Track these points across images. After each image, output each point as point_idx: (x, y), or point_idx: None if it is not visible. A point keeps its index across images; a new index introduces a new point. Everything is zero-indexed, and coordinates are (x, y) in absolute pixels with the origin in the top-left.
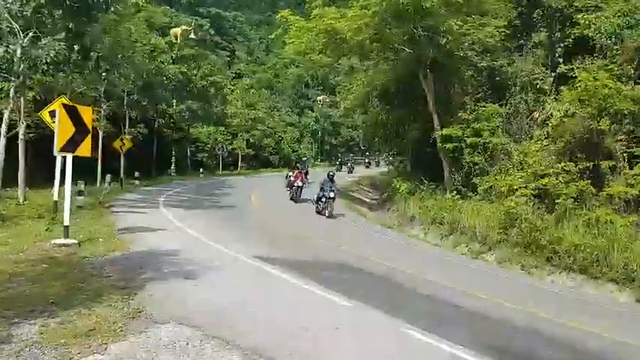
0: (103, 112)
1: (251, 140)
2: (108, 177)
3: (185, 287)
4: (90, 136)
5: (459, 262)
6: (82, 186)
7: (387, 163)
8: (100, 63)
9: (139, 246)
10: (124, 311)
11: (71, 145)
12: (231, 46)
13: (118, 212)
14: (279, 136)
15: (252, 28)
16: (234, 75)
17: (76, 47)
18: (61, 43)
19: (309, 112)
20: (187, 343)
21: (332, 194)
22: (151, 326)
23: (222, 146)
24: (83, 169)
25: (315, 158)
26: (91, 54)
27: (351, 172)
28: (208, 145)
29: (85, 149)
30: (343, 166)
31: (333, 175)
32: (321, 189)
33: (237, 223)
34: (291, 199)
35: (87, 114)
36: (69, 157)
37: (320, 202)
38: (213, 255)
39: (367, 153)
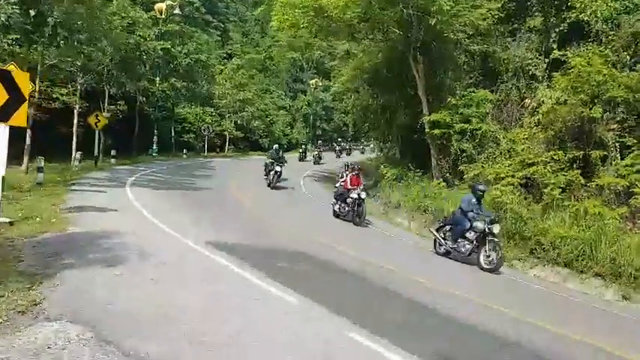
0: (78, 86)
1: (239, 122)
2: (78, 154)
3: (104, 277)
4: (26, 104)
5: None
6: (42, 162)
7: (372, 150)
8: (59, 30)
9: (78, 227)
10: (16, 303)
11: (3, 113)
12: (222, 26)
13: (76, 190)
14: (271, 119)
15: (248, 8)
16: (225, 55)
17: (31, 12)
18: (15, 7)
19: (302, 95)
20: (64, 348)
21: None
22: (36, 323)
23: (208, 127)
24: (58, 146)
25: (307, 143)
26: (48, 20)
27: (318, 163)
28: (195, 126)
29: (19, 119)
30: (309, 154)
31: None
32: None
33: (203, 207)
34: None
35: (22, 80)
36: (2, 127)
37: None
38: (160, 240)
39: (339, 139)
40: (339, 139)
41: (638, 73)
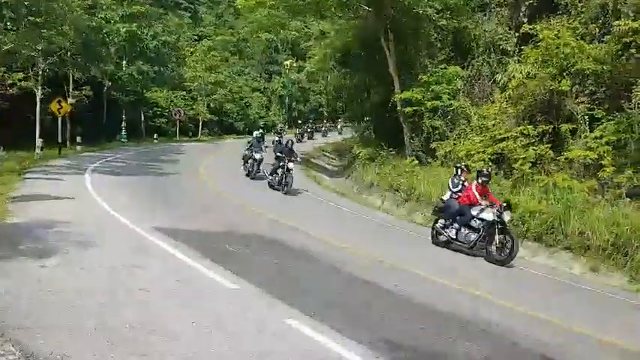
0: (40, 72)
1: (212, 105)
2: (39, 142)
3: (27, 270)
4: None
5: (403, 231)
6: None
7: (339, 131)
8: (4, 12)
9: (20, 217)
10: None
11: None
12: (192, 7)
13: (29, 179)
14: (246, 102)
15: None
16: (196, 38)
17: None
18: None
19: (278, 77)
20: None
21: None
22: None
23: (179, 110)
24: (22, 134)
25: (283, 125)
26: None
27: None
28: (167, 111)
29: None
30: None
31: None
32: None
33: (163, 192)
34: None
35: None
36: None
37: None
38: (106, 227)
39: (300, 121)
40: (309, 120)
41: (606, 44)
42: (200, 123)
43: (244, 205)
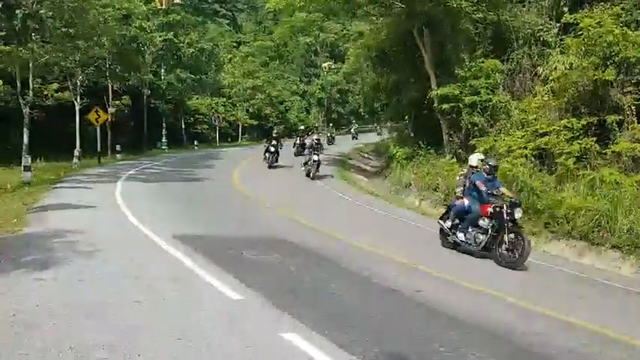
0: (78, 82)
1: (250, 110)
2: (76, 151)
3: (21, 283)
4: None
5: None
6: (29, 161)
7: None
8: (28, 22)
9: (34, 227)
10: None
11: None
12: (231, 14)
13: (60, 188)
14: (286, 106)
15: None
16: (234, 44)
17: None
18: None
19: (317, 80)
20: None
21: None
22: None
23: (219, 116)
24: (63, 144)
25: (323, 127)
26: (17, 12)
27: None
28: (208, 117)
29: None
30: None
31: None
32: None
33: (191, 198)
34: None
35: None
36: None
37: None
38: (120, 236)
39: (307, 127)
40: (307, 127)
41: None
42: (240, 128)
43: (272, 208)
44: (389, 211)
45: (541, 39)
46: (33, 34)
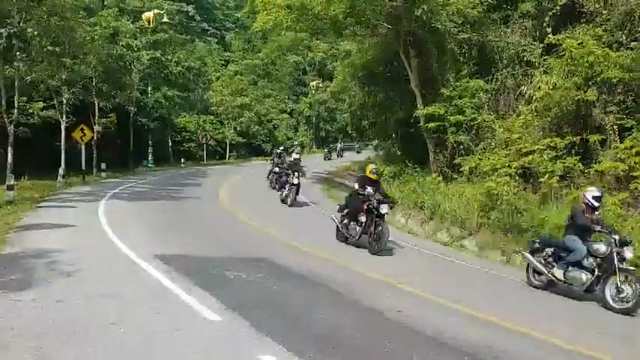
0: (64, 100)
1: (238, 128)
2: (61, 169)
3: None
4: None
5: (424, 252)
6: (12, 180)
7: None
8: (13, 41)
9: (15, 247)
10: None
11: None
12: (219, 33)
13: (43, 207)
14: (274, 124)
15: (249, 16)
16: (223, 62)
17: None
18: None
19: (305, 98)
20: None
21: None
22: None
23: (206, 134)
24: (49, 162)
25: (311, 145)
26: (1, 31)
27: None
28: (195, 135)
29: None
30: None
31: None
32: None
33: (175, 217)
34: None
35: None
36: None
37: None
38: (101, 256)
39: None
40: (279, 147)
41: (633, 51)
42: (228, 146)
43: (257, 226)
44: None
45: (525, 59)
46: (18, 53)
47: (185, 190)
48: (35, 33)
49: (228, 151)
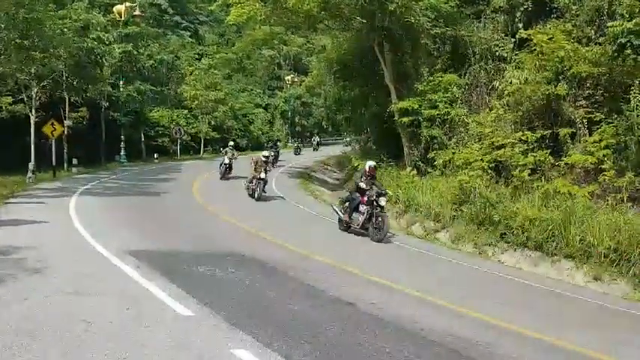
0: (34, 95)
1: (212, 122)
2: (31, 165)
3: None
4: None
5: (397, 245)
6: None
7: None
8: None
9: None
10: None
11: None
12: (193, 27)
13: (11, 203)
14: (249, 118)
15: (223, 9)
16: (197, 56)
17: None
18: None
19: (280, 93)
20: None
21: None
22: None
23: (180, 129)
24: (18, 158)
25: (287, 140)
26: None
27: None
28: (169, 130)
29: None
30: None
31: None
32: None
33: (147, 212)
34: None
35: None
36: None
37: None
38: (71, 252)
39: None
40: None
41: (602, 47)
42: (202, 141)
43: (230, 221)
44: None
45: (497, 54)
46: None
47: (158, 185)
48: (2, 26)
49: (202, 146)
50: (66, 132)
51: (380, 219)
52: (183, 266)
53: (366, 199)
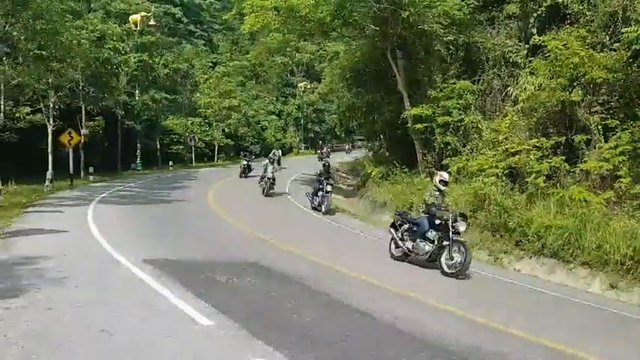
0: (51, 104)
1: (226, 130)
2: (48, 174)
3: None
4: None
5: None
6: None
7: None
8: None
9: (5, 253)
10: None
11: None
12: (207, 35)
13: (31, 212)
14: (262, 125)
15: (235, 17)
16: (211, 64)
17: None
18: None
19: (293, 100)
20: None
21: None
22: None
23: (194, 137)
24: (37, 167)
25: (299, 147)
26: None
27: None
28: (183, 137)
29: None
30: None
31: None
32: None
33: (164, 220)
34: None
35: None
36: None
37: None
38: (91, 261)
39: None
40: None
41: (617, 52)
42: (216, 148)
43: (245, 230)
44: (366, 231)
45: (511, 60)
46: (4, 57)
47: (174, 193)
48: (21, 37)
49: (216, 152)
50: (82, 140)
51: (461, 248)
52: (203, 275)
53: (437, 222)
